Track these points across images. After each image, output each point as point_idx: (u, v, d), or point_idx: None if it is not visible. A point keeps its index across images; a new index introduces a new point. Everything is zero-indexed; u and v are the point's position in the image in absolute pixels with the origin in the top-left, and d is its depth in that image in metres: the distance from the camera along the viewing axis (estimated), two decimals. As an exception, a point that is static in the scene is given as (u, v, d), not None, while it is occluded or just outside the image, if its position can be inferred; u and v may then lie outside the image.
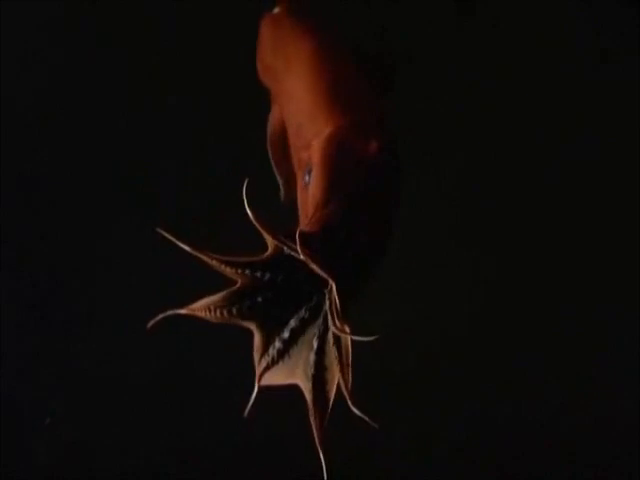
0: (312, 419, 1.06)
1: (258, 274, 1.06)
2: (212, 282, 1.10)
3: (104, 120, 1.95)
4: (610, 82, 1.98)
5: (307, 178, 1.24)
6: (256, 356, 1.10)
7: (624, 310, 1.88)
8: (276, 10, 1.54)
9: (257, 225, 1.01)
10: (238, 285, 1.07)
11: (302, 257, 0.98)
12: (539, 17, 2.00)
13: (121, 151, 1.94)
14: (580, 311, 1.88)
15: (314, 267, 0.98)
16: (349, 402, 1.01)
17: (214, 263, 1.06)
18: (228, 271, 1.07)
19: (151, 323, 1.11)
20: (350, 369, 1.02)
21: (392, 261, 1.24)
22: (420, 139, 1.86)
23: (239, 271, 1.06)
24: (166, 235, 1.06)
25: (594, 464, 1.87)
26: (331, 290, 0.98)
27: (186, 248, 1.07)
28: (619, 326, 1.88)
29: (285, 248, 1.01)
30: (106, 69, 1.96)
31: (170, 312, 1.08)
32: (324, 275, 0.98)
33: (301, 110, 1.34)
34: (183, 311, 1.08)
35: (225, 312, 1.07)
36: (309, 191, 1.21)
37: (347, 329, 0.98)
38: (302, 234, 0.99)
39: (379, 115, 1.35)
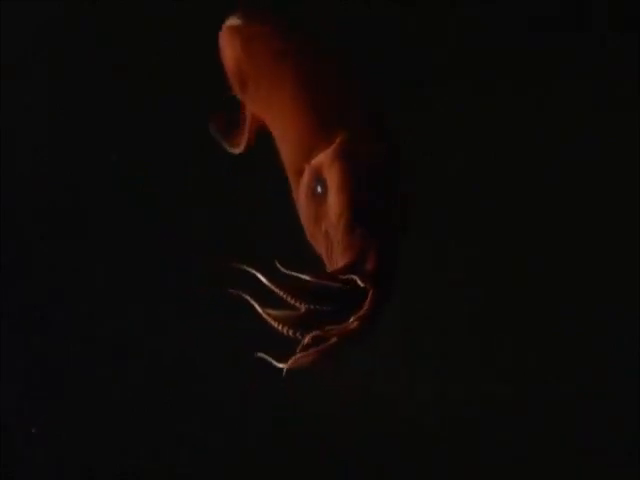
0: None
1: (321, 306, 1.21)
2: (209, 279, 1.11)
3: (104, 120, 1.95)
4: (610, 82, 1.98)
5: (319, 189, 1.26)
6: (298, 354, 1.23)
7: (624, 310, 1.88)
8: (234, 21, 1.48)
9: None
10: (303, 312, 1.21)
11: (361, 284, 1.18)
12: (539, 17, 2.00)
13: (121, 151, 1.95)
14: (580, 311, 1.88)
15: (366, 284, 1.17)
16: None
17: (289, 299, 1.21)
18: (295, 304, 1.21)
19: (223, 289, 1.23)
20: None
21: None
22: (420, 139, 1.86)
23: (305, 304, 1.21)
24: (248, 269, 1.15)
25: (595, 464, 1.87)
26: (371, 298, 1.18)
27: (264, 280, 1.20)
28: (619, 326, 1.88)
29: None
30: (106, 69, 1.96)
31: (249, 300, 1.20)
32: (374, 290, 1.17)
33: (297, 125, 1.34)
34: (259, 309, 1.21)
35: (294, 332, 1.21)
36: (329, 206, 1.24)
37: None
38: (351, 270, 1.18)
39: (376, 112, 1.35)
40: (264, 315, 1.20)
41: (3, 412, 1.86)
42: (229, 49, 1.48)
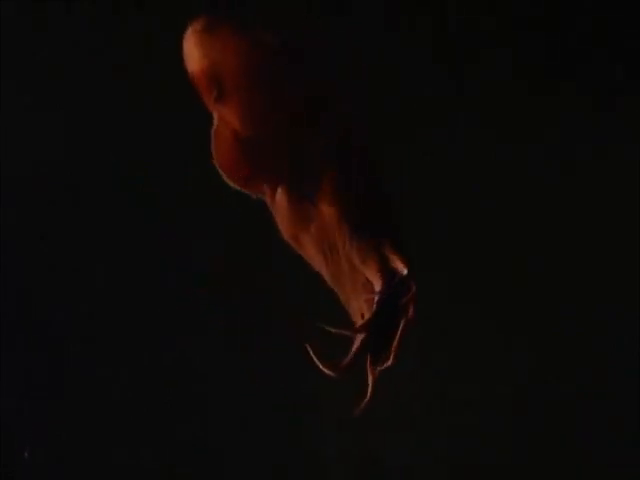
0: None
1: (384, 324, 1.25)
2: (208, 279, 1.12)
3: (104, 120, 1.95)
4: (612, 85, 1.97)
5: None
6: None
7: (624, 310, 1.88)
8: (202, 22, 1.35)
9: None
10: (364, 340, 1.24)
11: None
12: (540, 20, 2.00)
13: (121, 151, 1.94)
14: (580, 311, 1.88)
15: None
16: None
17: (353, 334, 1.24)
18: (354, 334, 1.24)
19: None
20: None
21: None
22: (419, 139, 1.86)
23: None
24: (327, 327, 1.18)
25: (594, 465, 1.87)
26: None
27: (348, 334, 1.22)
28: (619, 326, 1.88)
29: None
30: (106, 69, 1.96)
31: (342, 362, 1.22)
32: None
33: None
34: (327, 371, 1.22)
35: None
36: (325, 209, 1.24)
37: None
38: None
39: (350, 108, 1.34)
40: (338, 373, 1.21)
41: (3, 412, 1.86)
42: (202, 51, 1.35)
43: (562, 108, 1.94)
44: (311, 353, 1.19)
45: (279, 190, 1.30)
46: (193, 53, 1.36)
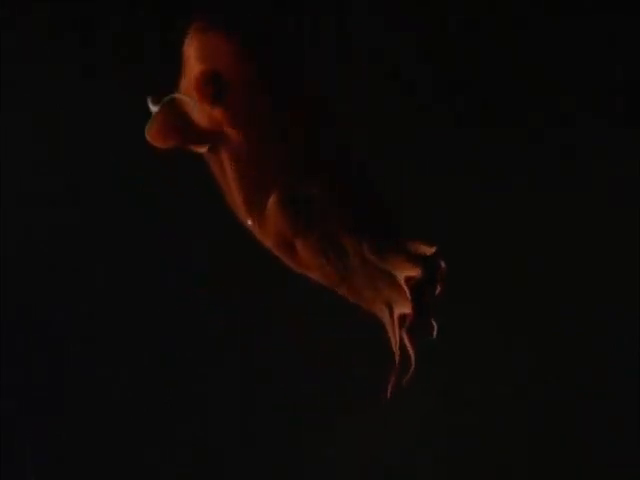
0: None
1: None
2: (208, 279, 1.12)
3: (104, 120, 1.95)
4: (611, 85, 1.98)
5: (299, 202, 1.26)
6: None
7: (624, 310, 1.88)
8: (197, 29, 1.32)
9: None
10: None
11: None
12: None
13: (121, 151, 1.95)
14: (580, 311, 1.88)
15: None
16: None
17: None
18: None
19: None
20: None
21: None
22: (419, 140, 1.86)
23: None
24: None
25: (594, 465, 1.87)
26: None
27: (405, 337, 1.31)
28: (619, 326, 1.88)
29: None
30: (106, 69, 1.96)
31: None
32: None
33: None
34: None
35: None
36: (326, 218, 1.24)
37: None
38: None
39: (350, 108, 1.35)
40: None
41: (3, 412, 1.87)
42: (202, 53, 1.33)
43: (562, 108, 1.94)
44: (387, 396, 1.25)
45: (272, 197, 1.29)
46: (193, 55, 1.34)
